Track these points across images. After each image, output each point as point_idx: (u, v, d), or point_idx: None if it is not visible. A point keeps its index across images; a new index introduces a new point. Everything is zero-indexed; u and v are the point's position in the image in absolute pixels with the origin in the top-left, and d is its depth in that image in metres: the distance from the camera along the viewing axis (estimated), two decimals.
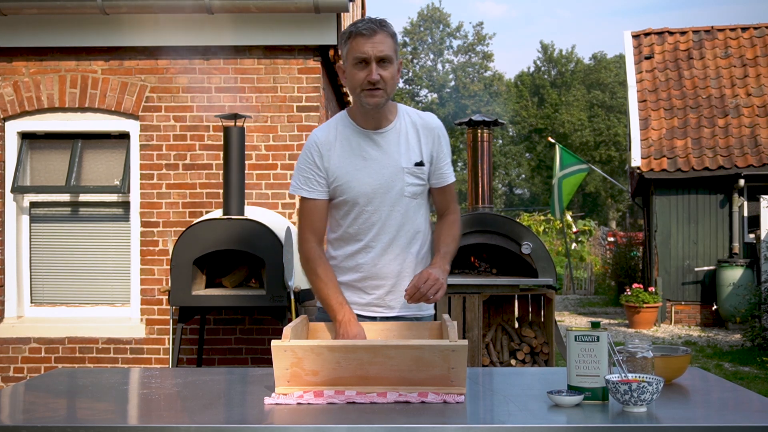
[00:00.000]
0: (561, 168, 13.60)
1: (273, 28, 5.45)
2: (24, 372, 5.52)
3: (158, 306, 5.51)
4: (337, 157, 2.49)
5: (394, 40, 2.44)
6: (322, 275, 2.50)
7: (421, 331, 2.46)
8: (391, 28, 2.45)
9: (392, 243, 2.51)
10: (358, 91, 2.41)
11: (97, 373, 2.54)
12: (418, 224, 2.56)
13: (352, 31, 2.41)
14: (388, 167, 2.48)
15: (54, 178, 5.71)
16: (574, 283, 17.92)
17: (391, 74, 2.41)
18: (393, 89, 2.45)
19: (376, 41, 2.38)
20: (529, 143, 37.65)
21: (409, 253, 2.54)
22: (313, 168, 2.50)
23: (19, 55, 5.57)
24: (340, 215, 2.54)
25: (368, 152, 2.49)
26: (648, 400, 1.89)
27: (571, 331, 2.05)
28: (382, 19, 2.46)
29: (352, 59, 2.40)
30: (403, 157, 2.50)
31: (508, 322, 6.04)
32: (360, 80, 2.40)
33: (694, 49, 13.23)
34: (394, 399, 2.01)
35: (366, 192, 2.48)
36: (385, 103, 2.45)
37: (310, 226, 2.53)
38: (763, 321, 8.96)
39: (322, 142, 2.51)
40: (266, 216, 5.07)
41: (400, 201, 2.50)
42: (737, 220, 11.14)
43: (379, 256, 2.52)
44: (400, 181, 2.49)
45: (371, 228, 2.50)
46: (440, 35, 40.60)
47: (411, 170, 2.50)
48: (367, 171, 2.48)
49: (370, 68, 2.38)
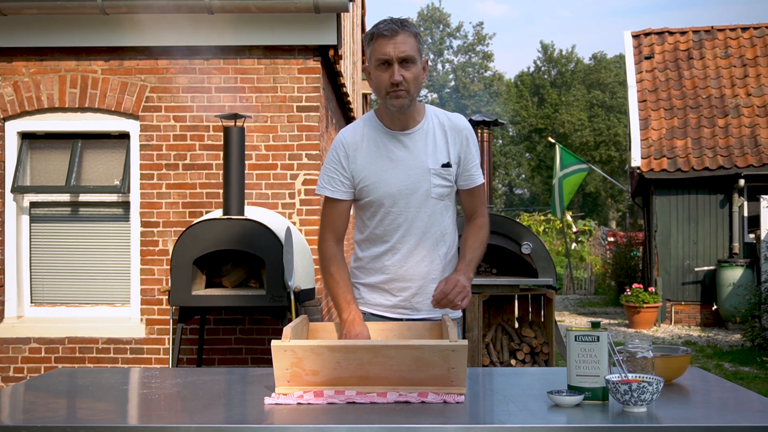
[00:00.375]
0: (561, 168, 13.61)
1: (273, 28, 5.45)
2: (24, 372, 5.52)
3: (158, 306, 5.51)
4: (363, 157, 2.48)
5: (417, 40, 2.40)
6: (334, 273, 2.51)
7: (421, 331, 2.46)
8: (414, 28, 2.42)
9: (419, 245, 2.50)
10: (383, 94, 2.40)
11: (97, 373, 2.54)
12: (444, 226, 2.55)
13: (374, 33, 2.39)
14: (414, 168, 2.46)
15: (54, 178, 5.71)
16: (574, 283, 17.92)
17: (414, 74, 2.39)
18: (417, 89, 2.42)
19: (397, 41, 2.35)
20: (529, 143, 37.65)
21: (437, 255, 2.53)
22: (338, 168, 2.50)
23: (19, 55, 5.57)
24: (366, 216, 2.54)
25: (395, 153, 2.47)
26: (648, 400, 1.89)
27: (571, 331, 2.05)
28: (404, 18, 2.44)
29: (375, 61, 2.39)
30: (430, 158, 2.47)
31: (508, 322, 6.04)
32: (384, 82, 2.38)
33: (694, 49, 13.23)
34: (394, 399, 2.01)
35: (392, 193, 2.46)
36: (409, 104, 2.42)
37: (331, 225, 2.54)
38: (763, 321, 8.97)
39: (349, 143, 2.49)
40: (266, 216, 5.07)
41: (427, 202, 2.48)
42: (737, 220, 11.14)
43: (405, 258, 2.51)
44: (426, 182, 2.47)
45: (397, 229, 2.50)
46: (440, 35, 40.61)
47: (438, 171, 2.47)
48: (393, 172, 2.46)
49: (392, 69, 2.36)
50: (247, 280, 5.19)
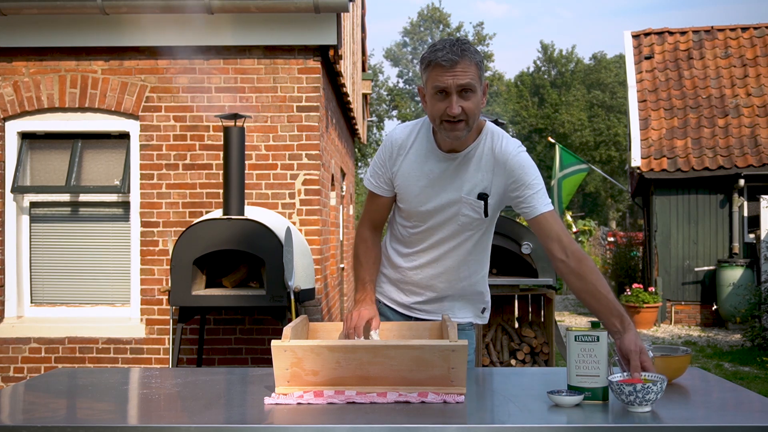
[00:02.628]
0: (561, 168, 13.59)
1: (273, 28, 5.45)
2: (24, 372, 5.52)
3: (158, 306, 5.51)
4: (405, 165, 2.44)
5: (478, 67, 2.25)
6: (360, 255, 2.57)
7: (421, 331, 2.46)
8: (476, 56, 2.25)
9: (437, 262, 2.50)
10: (438, 122, 2.29)
11: (97, 373, 2.54)
12: (469, 252, 2.50)
13: (431, 60, 2.25)
14: (449, 191, 2.40)
15: (54, 178, 5.71)
16: None
17: (474, 104, 2.25)
18: (476, 118, 2.30)
19: (457, 72, 2.21)
20: (529, 143, 37.64)
21: (456, 277, 2.52)
22: (382, 166, 2.49)
23: (19, 55, 5.57)
24: (399, 216, 2.56)
25: (434, 173, 2.40)
26: (653, 399, 1.89)
27: (571, 331, 2.05)
28: (464, 43, 2.26)
29: (431, 88, 2.27)
30: (467, 185, 2.38)
31: (508, 322, 6.04)
32: (440, 111, 2.26)
33: (694, 49, 13.23)
34: (394, 399, 2.01)
35: (421, 212, 2.45)
36: (467, 134, 2.30)
37: (370, 215, 2.59)
38: (763, 321, 8.97)
39: (398, 144, 2.44)
40: (266, 216, 5.07)
41: (453, 227, 2.45)
42: (737, 220, 11.14)
43: (420, 268, 2.52)
44: (456, 208, 2.41)
45: (421, 242, 2.51)
46: (440, 35, 40.60)
47: (469, 201, 2.39)
48: (427, 192, 2.42)
49: (450, 100, 2.23)
50: (247, 280, 5.19)
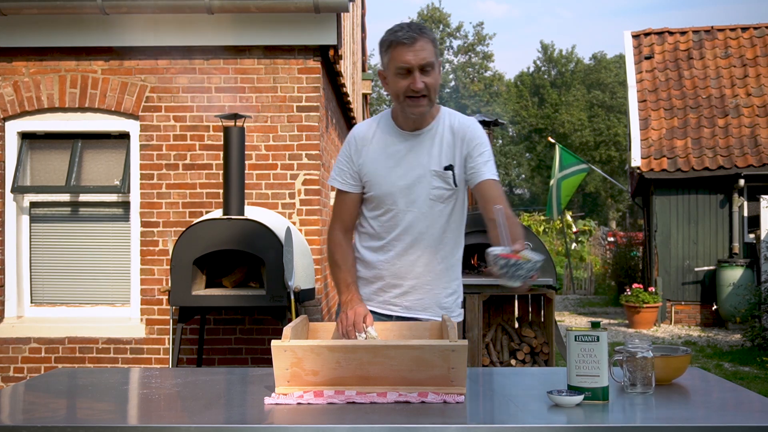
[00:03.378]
0: (560, 169, 13.59)
1: (273, 28, 5.45)
2: (24, 372, 5.52)
3: (158, 306, 5.51)
4: (370, 153, 2.54)
5: (434, 45, 2.44)
6: (338, 260, 2.57)
7: (421, 331, 2.46)
8: (431, 33, 2.45)
9: (414, 245, 2.52)
10: (402, 99, 2.43)
11: (97, 373, 2.54)
12: (445, 229, 2.54)
13: (392, 41, 2.41)
14: (416, 168, 2.50)
15: (54, 178, 5.71)
16: (574, 283, 17.92)
17: (434, 79, 2.43)
18: (436, 93, 2.46)
19: (417, 49, 2.38)
20: (529, 143, 37.66)
21: (434, 258, 2.54)
22: (347, 162, 2.56)
23: (19, 55, 5.56)
24: (368, 210, 2.59)
25: (400, 152, 2.52)
26: (523, 276, 2.08)
27: (571, 331, 2.05)
28: (420, 24, 2.48)
29: (394, 68, 2.42)
30: (434, 159, 2.50)
31: (508, 322, 6.04)
32: (403, 88, 2.41)
33: (694, 49, 13.23)
34: (394, 399, 2.01)
35: (392, 192, 2.50)
36: (429, 110, 2.47)
37: (339, 215, 2.61)
38: (763, 321, 8.97)
39: (360, 138, 2.56)
40: (266, 216, 5.07)
41: (425, 203, 2.50)
42: (737, 220, 11.14)
43: (398, 256, 2.54)
44: (426, 183, 2.49)
45: (394, 228, 2.53)
46: (440, 35, 40.59)
47: (439, 173, 2.49)
48: (395, 171, 2.51)
49: (413, 77, 2.39)
50: (247, 280, 5.19)
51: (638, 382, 2.10)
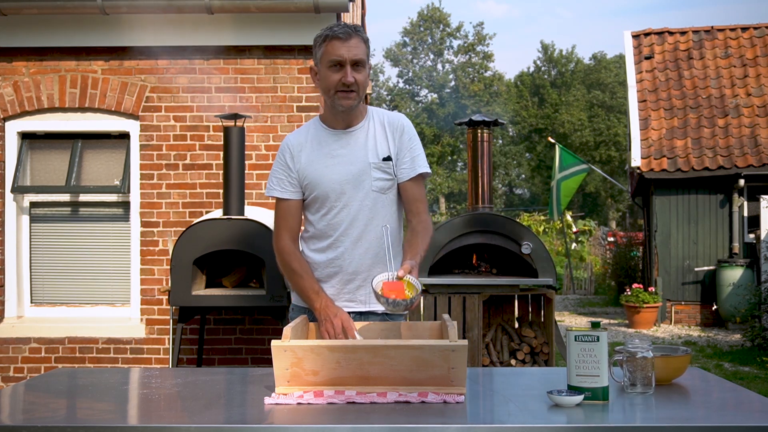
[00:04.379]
0: (560, 169, 13.59)
1: (273, 28, 5.45)
2: (24, 372, 5.52)
3: (158, 306, 5.51)
4: (306, 156, 2.59)
5: (367, 46, 2.55)
6: (297, 269, 2.58)
7: (421, 331, 2.46)
8: (365, 35, 2.56)
9: (361, 238, 2.58)
10: (332, 93, 2.52)
11: (97, 373, 2.54)
12: (387, 219, 2.59)
13: (327, 35, 2.52)
14: (355, 163, 2.57)
15: (54, 178, 5.71)
16: (574, 283, 17.92)
17: (364, 77, 2.53)
18: (364, 92, 2.56)
19: (351, 45, 2.49)
20: (529, 143, 37.65)
21: (381, 248, 2.57)
22: (285, 169, 2.61)
23: (19, 55, 5.57)
24: (311, 212, 2.63)
25: (337, 150, 2.58)
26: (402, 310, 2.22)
27: (571, 331, 2.05)
28: (356, 24, 2.60)
29: (327, 62, 2.52)
30: (371, 152, 2.58)
31: (508, 322, 6.04)
32: (334, 82, 2.51)
33: (694, 49, 13.23)
34: (394, 399, 2.01)
35: (334, 188, 2.56)
36: (357, 105, 2.55)
37: (285, 224, 2.63)
38: (763, 321, 8.97)
39: (294, 145, 2.62)
40: (266, 216, 5.07)
41: (368, 196, 2.56)
42: (737, 220, 11.14)
43: (348, 250, 2.58)
44: (367, 176, 2.56)
45: (341, 223, 2.58)
46: (440, 35, 40.59)
47: (378, 165, 2.57)
48: (335, 168, 2.57)
49: (345, 71, 2.49)
50: (247, 280, 5.19)
51: (638, 382, 2.10)
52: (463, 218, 5.94)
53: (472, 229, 5.88)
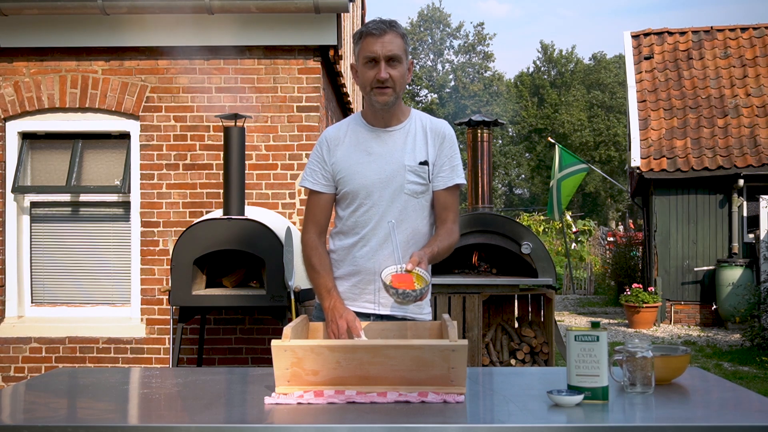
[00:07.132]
0: (560, 169, 13.58)
1: (273, 28, 5.45)
2: (24, 372, 5.52)
3: (158, 306, 5.52)
4: (342, 151, 2.56)
5: (404, 40, 2.50)
6: (315, 264, 2.57)
7: (421, 331, 2.46)
8: (401, 29, 2.52)
9: (388, 239, 2.51)
10: (368, 90, 2.49)
11: (97, 373, 2.54)
12: (417, 224, 2.56)
13: (363, 31, 2.49)
14: (391, 163, 2.53)
15: (54, 178, 5.71)
16: (574, 283, 17.92)
17: (400, 73, 2.48)
18: (402, 88, 2.51)
19: (385, 41, 2.45)
20: (529, 143, 37.64)
21: (407, 253, 2.51)
22: (320, 162, 2.59)
23: (20, 55, 5.57)
24: (341, 208, 2.60)
25: (373, 148, 2.55)
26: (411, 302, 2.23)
27: (571, 331, 2.05)
28: (392, 20, 2.53)
29: (362, 58, 2.48)
30: (408, 155, 2.53)
31: (508, 322, 6.04)
32: (370, 79, 2.47)
33: (694, 50, 13.23)
34: (394, 399, 2.01)
35: (366, 185, 2.52)
36: (394, 101, 2.50)
37: (313, 218, 2.61)
38: (762, 321, 8.97)
39: (332, 138, 2.60)
40: (266, 216, 5.08)
41: (400, 197, 2.52)
42: (737, 220, 11.14)
43: (374, 251, 2.54)
44: (401, 177, 2.52)
45: (368, 222, 2.54)
46: (440, 35, 40.60)
47: (413, 168, 2.52)
48: (369, 165, 2.53)
49: (379, 67, 2.45)
50: (247, 280, 5.19)
51: (638, 382, 2.10)
52: (463, 218, 5.94)
53: (472, 229, 5.88)
